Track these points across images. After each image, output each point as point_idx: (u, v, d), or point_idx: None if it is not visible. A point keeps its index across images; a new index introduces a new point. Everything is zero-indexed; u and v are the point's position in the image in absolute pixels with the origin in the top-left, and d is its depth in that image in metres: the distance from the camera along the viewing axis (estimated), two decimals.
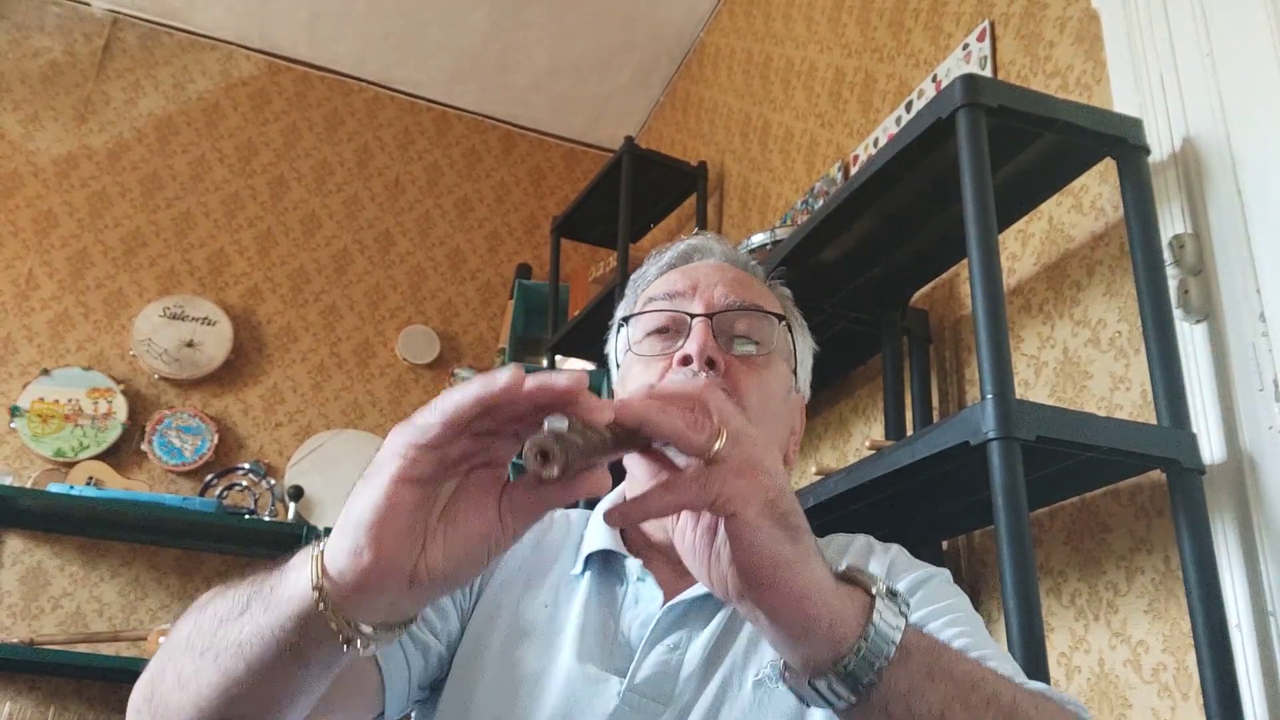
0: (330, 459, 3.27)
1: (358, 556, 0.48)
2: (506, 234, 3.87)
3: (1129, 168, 1.30)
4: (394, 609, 0.51)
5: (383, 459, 0.49)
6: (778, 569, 0.53)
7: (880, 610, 0.55)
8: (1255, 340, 1.17)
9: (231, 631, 0.54)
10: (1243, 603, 1.11)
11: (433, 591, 0.51)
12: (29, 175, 3.26)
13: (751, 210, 2.77)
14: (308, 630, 0.51)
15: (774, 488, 0.54)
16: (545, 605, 0.82)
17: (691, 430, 0.53)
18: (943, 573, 0.85)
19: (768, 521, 0.53)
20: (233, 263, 3.44)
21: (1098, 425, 1.16)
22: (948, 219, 1.51)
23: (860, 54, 2.27)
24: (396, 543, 0.48)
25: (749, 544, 0.52)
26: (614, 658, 0.78)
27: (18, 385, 3.03)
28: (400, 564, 0.49)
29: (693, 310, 0.84)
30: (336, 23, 3.53)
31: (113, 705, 2.83)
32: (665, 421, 0.53)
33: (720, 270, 0.89)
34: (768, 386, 0.84)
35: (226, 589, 0.59)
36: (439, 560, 0.50)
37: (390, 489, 0.48)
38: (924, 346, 1.78)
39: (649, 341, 0.87)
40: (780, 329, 0.87)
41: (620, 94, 3.80)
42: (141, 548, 3.00)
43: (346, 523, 0.49)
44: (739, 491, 0.53)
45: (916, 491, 1.39)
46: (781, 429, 0.87)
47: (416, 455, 0.48)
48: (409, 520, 0.48)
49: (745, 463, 0.54)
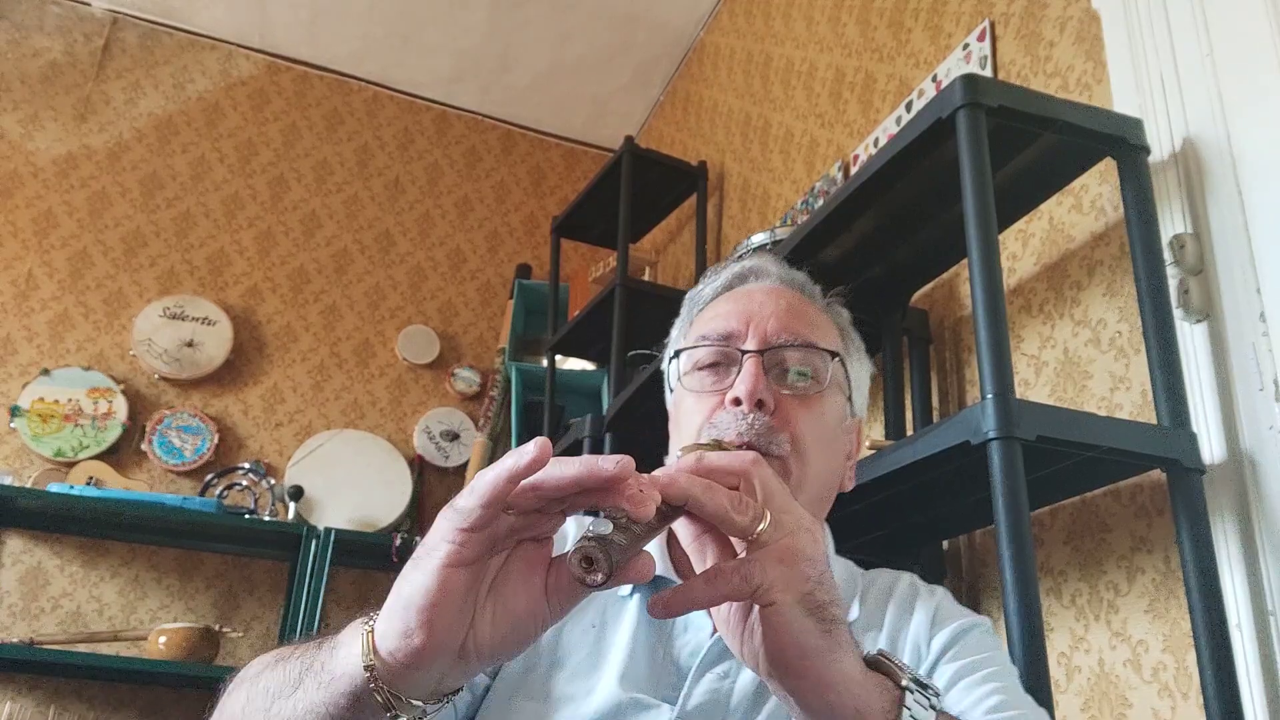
0: (330, 459, 3.27)
1: (409, 638, 0.50)
2: (506, 234, 3.87)
3: (1129, 168, 1.30)
4: (443, 682, 0.53)
5: (432, 543, 0.50)
6: (806, 658, 0.54)
7: (910, 705, 0.55)
8: (1255, 340, 1.17)
9: (285, 708, 0.56)
10: (1243, 603, 1.11)
11: (481, 665, 0.53)
12: (29, 175, 3.26)
13: (751, 210, 2.77)
14: (360, 706, 0.53)
15: (813, 577, 0.55)
16: (593, 626, 0.81)
17: (736, 511, 0.55)
18: (984, 622, 0.84)
19: (801, 612, 0.54)
20: (233, 263, 3.44)
21: (1098, 425, 1.16)
22: (948, 219, 1.51)
23: (860, 54, 2.27)
24: (447, 624, 0.50)
25: (781, 633, 0.54)
26: (661, 685, 0.77)
27: (18, 385, 3.03)
28: (450, 643, 0.51)
29: (744, 346, 0.83)
30: (336, 23, 3.53)
31: (113, 705, 2.83)
32: (710, 502, 0.54)
33: (775, 297, 0.88)
34: (821, 420, 0.83)
35: (277, 661, 0.60)
36: (487, 637, 0.52)
37: (440, 574, 0.50)
38: (924, 346, 1.78)
39: (700, 376, 0.86)
40: (834, 364, 0.86)
41: (620, 94, 3.80)
42: (141, 548, 3.00)
43: (397, 603, 0.51)
44: (778, 580, 0.54)
45: (916, 491, 1.39)
46: (836, 458, 0.86)
47: (464, 539, 0.50)
48: (459, 602, 0.50)
49: (787, 549, 0.55)
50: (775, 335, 0.84)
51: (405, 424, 3.46)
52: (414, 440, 3.42)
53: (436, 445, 3.44)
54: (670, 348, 0.94)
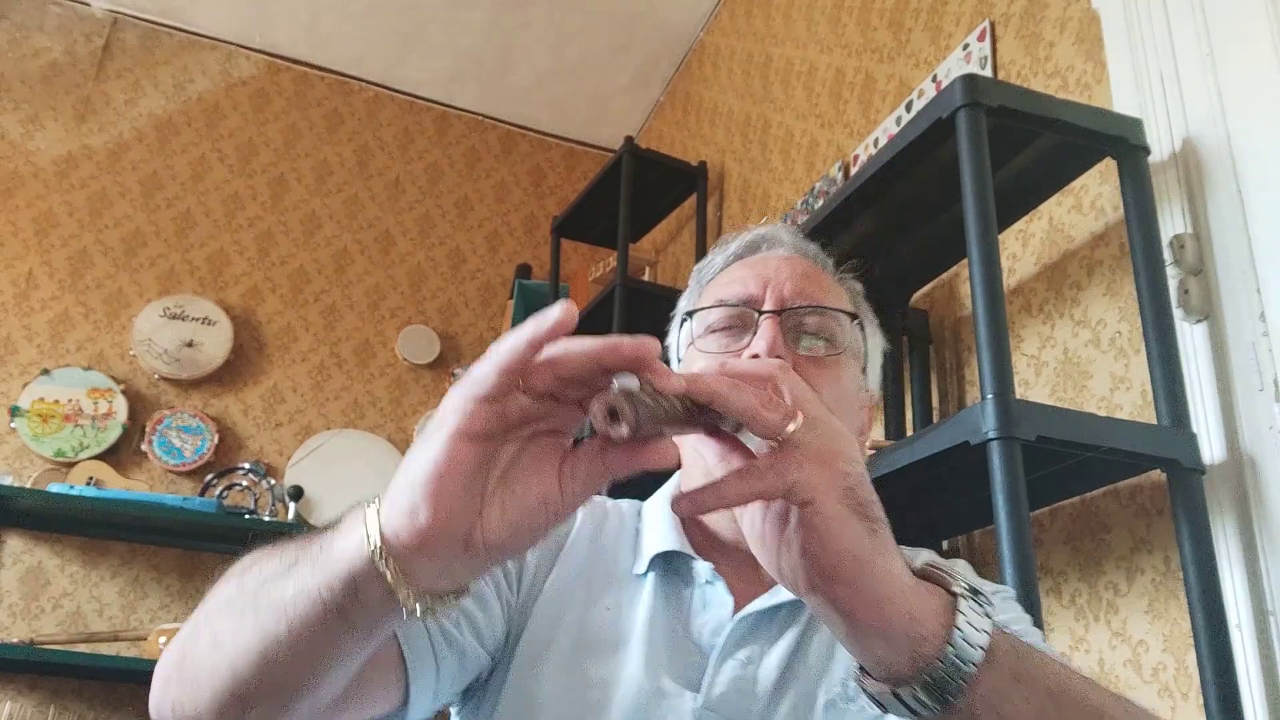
0: (330, 459, 3.27)
1: (414, 516, 0.46)
2: (506, 234, 3.87)
3: (1129, 168, 1.30)
4: (448, 574, 0.49)
5: (443, 415, 0.47)
6: (857, 564, 0.50)
7: (964, 611, 0.51)
8: (1255, 340, 1.17)
9: (275, 591, 0.52)
10: (1243, 603, 1.11)
11: (489, 559, 0.49)
12: (29, 175, 3.26)
13: (751, 210, 2.77)
14: (357, 591, 0.49)
15: (854, 474, 0.52)
16: (608, 608, 0.78)
17: (766, 408, 0.51)
18: (1006, 589, 0.82)
19: (846, 511, 0.50)
20: (233, 263, 3.44)
21: (1098, 425, 1.16)
22: (948, 219, 1.51)
23: (860, 54, 2.27)
24: (454, 502, 0.46)
25: (825, 535, 0.50)
26: (684, 668, 0.74)
27: (18, 385, 3.03)
28: (457, 526, 0.46)
29: (761, 307, 0.81)
30: (336, 23, 3.53)
31: (113, 705, 2.83)
32: (738, 398, 0.50)
33: (790, 263, 0.85)
34: (839, 385, 0.81)
35: (271, 551, 0.57)
36: (496, 525, 0.47)
37: (450, 445, 0.46)
38: (924, 346, 1.78)
39: (714, 338, 0.83)
40: (852, 328, 0.83)
41: (620, 94, 3.80)
42: (141, 548, 3.00)
43: (403, 480, 0.47)
44: (816, 479, 0.50)
45: (916, 491, 1.39)
46: (853, 426, 0.83)
47: (476, 409, 0.46)
48: (468, 479, 0.46)
49: (823, 448, 0.51)
50: (792, 298, 0.81)
51: (405, 424, 3.46)
52: (414, 440, 3.42)
53: None
54: (678, 314, 0.90)
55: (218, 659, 0.55)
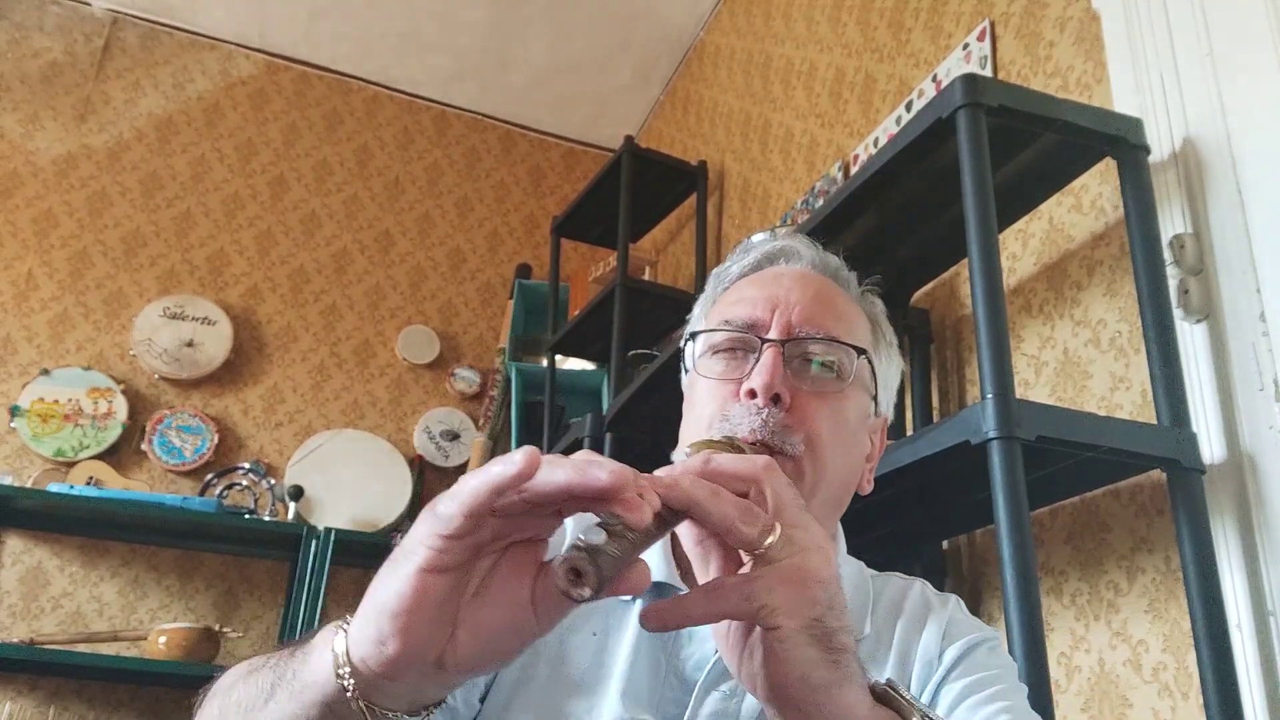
0: (330, 459, 3.27)
1: (382, 646, 0.46)
2: (506, 234, 3.87)
3: (1129, 167, 1.30)
4: (420, 694, 0.49)
5: (410, 546, 0.46)
6: (809, 691, 0.50)
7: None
8: (1255, 340, 1.17)
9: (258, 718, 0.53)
10: (1243, 603, 1.11)
11: (460, 679, 0.49)
12: (29, 175, 3.26)
13: (751, 210, 2.77)
14: (333, 716, 0.49)
15: (822, 601, 0.51)
16: (594, 634, 0.77)
17: (743, 522, 0.51)
18: (994, 638, 0.81)
19: (806, 640, 0.50)
20: (233, 263, 3.44)
21: (1098, 425, 1.16)
22: (948, 219, 1.51)
23: (860, 54, 2.27)
24: (423, 633, 0.46)
25: (784, 660, 0.50)
26: (665, 702, 0.73)
27: (18, 385, 3.03)
28: (427, 654, 0.46)
29: (765, 334, 0.78)
30: (336, 22, 3.53)
31: (113, 705, 2.83)
32: (715, 510, 0.50)
33: (804, 284, 0.82)
34: (840, 419, 0.78)
35: (250, 671, 0.57)
36: (467, 649, 0.47)
37: (417, 579, 0.45)
38: (924, 346, 1.78)
39: (716, 361, 0.80)
40: (860, 362, 0.80)
41: (620, 94, 3.80)
42: (141, 548, 3.00)
43: (372, 608, 0.47)
44: (784, 603, 0.50)
45: (916, 491, 1.39)
46: (854, 459, 0.81)
47: (444, 545, 0.45)
48: (436, 610, 0.46)
49: (796, 569, 0.51)
50: (799, 326, 0.78)
51: (405, 424, 3.46)
52: (414, 440, 3.42)
53: (437, 445, 3.44)
54: (690, 326, 0.88)
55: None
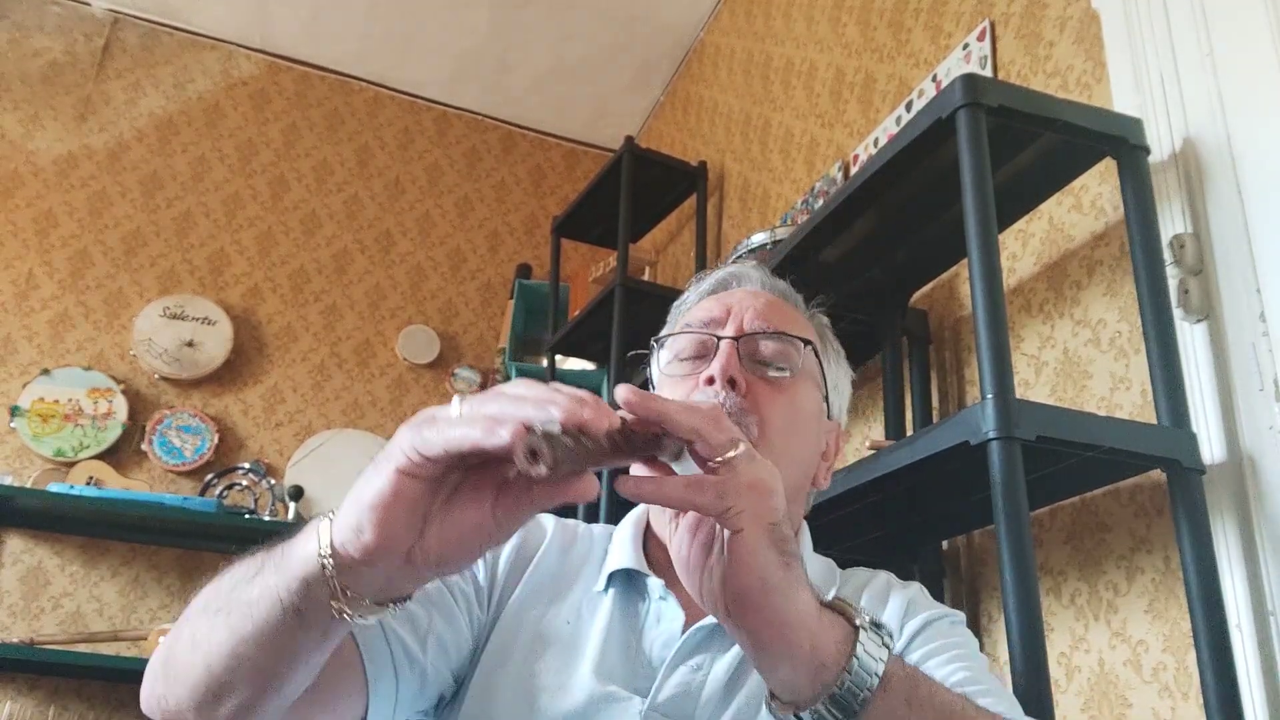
0: (330, 459, 3.27)
1: (359, 534, 0.51)
2: (506, 234, 3.87)
3: (1129, 168, 1.30)
4: (390, 585, 0.54)
5: (392, 451, 0.51)
6: (767, 593, 0.55)
7: (863, 642, 0.57)
8: (1255, 340, 1.17)
9: (244, 592, 0.57)
10: (1243, 603, 1.11)
11: (427, 574, 0.54)
12: (29, 175, 3.26)
13: (751, 210, 2.77)
14: (310, 594, 0.54)
15: (780, 510, 0.57)
16: (568, 622, 0.83)
17: (714, 428, 0.55)
18: (956, 614, 0.87)
19: (766, 543, 0.55)
20: (233, 263, 3.44)
21: (1098, 425, 1.16)
22: (948, 219, 1.51)
23: (860, 54, 2.27)
24: (396, 527, 0.51)
25: (746, 564, 0.55)
26: (635, 677, 0.79)
27: (18, 385, 3.03)
28: (397, 546, 0.52)
29: (721, 332, 0.86)
30: (337, 23, 3.53)
31: (113, 705, 2.83)
32: (687, 417, 0.55)
33: (754, 296, 0.91)
34: (792, 406, 0.85)
35: (244, 558, 0.62)
36: (434, 546, 0.52)
37: (395, 479, 0.51)
38: (924, 346, 1.78)
39: (679, 363, 0.89)
40: (807, 353, 0.88)
41: (620, 94, 3.80)
42: (141, 548, 3.00)
43: (353, 500, 0.52)
44: (749, 507, 0.55)
45: (916, 491, 1.39)
46: (807, 449, 0.88)
47: (420, 460, 0.50)
48: (409, 508, 0.51)
49: (758, 480, 0.56)
50: (751, 324, 0.87)
51: None
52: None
53: None
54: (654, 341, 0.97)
55: (195, 657, 0.60)
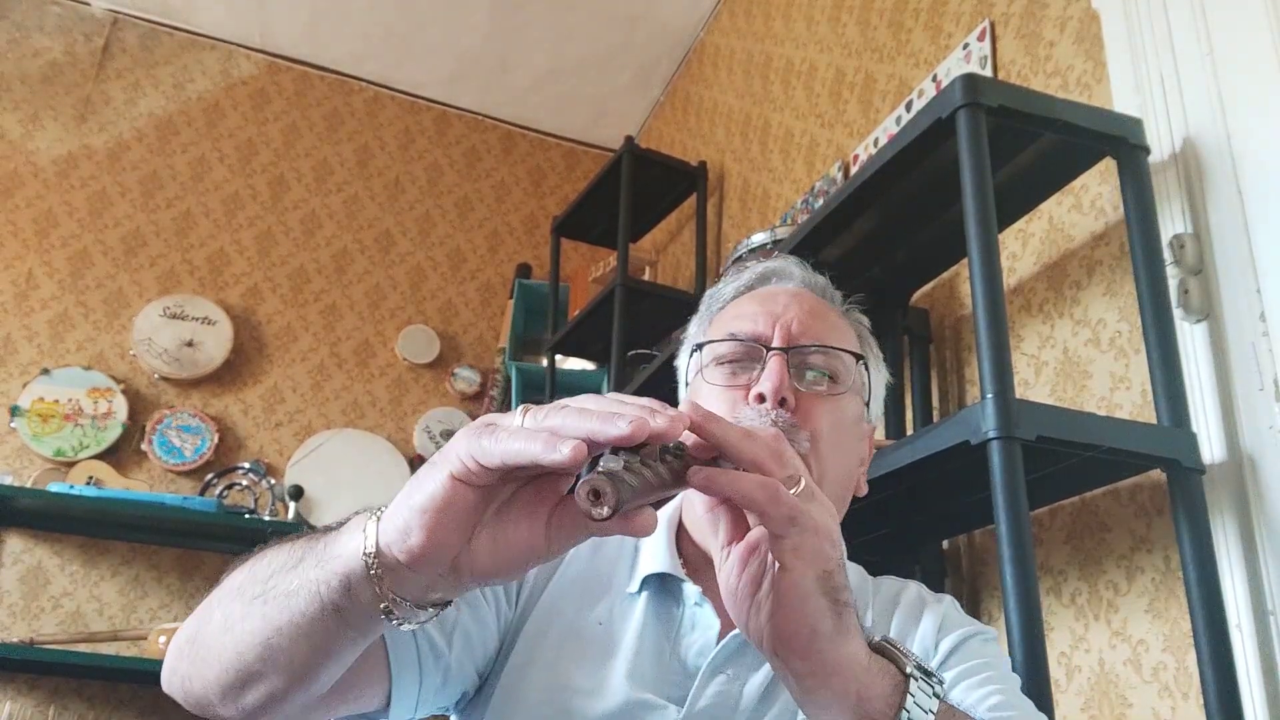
0: (330, 459, 3.27)
1: (406, 536, 0.50)
2: (506, 234, 3.87)
3: (1129, 167, 1.30)
4: (431, 590, 0.53)
5: (448, 455, 0.50)
6: (815, 639, 0.53)
7: (914, 693, 0.55)
8: (1255, 340, 1.17)
9: (282, 582, 0.56)
10: (1243, 603, 1.11)
11: (471, 584, 0.53)
12: (29, 175, 3.26)
13: (751, 210, 2.77)
14: (352, 593, 0.52)
15: (835, 559, 0.55)
16: (600, 623, 0.81)
17: (774, 461, 0.54)
18: (989, 631, 0.85)
19: (818, 589, 0.53)
20: (233, 263, 3.44)
21: (1098, 425, 1.16)
22: (948, 219, 1.51)
23: (860, 54, 2.27)
24: (444, 533, 0.50)
25: (793, 607, 0.53)
26: (668, 684, 0.77)
27: (18, 385, 3.03)
28: (445, 552, 0.50)
29: (769, 343, 0.83)
30: (336, 23, 3.53)
31: (113, 705, 2.83)
32: (749, 447, 0.53)
33: (798, 300, 0.88)
34: (840, 418, 0.84)
35: (283, 545, 0.60)
36: (481, 558, 0.51)
37: (450, 485, 0.49)
38: (924, 346, 1.78)
39: (722, 370, 0.85)
40: (857, 367, 0.87)
41: (620, 94, 3.80)
42: (141, 547, 3.00)
43: (404, 501, 0.51)
44: (807, 546, 0.53)
45: (916, 491, 1.39)
46: (852, 459, 0.87)
47: (477, 469, 0.49)
48: (461, 516, 0.50)
49: (818, 525, 0.54)
50: (799, 336, 0.84)
51: (405, 424, 3.46)
52: (414, 440, 3.42)
53: (437, 445, 3.44)
54: (689, 341, 0.93)
55: (226, 641, 0.59)
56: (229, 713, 0.61)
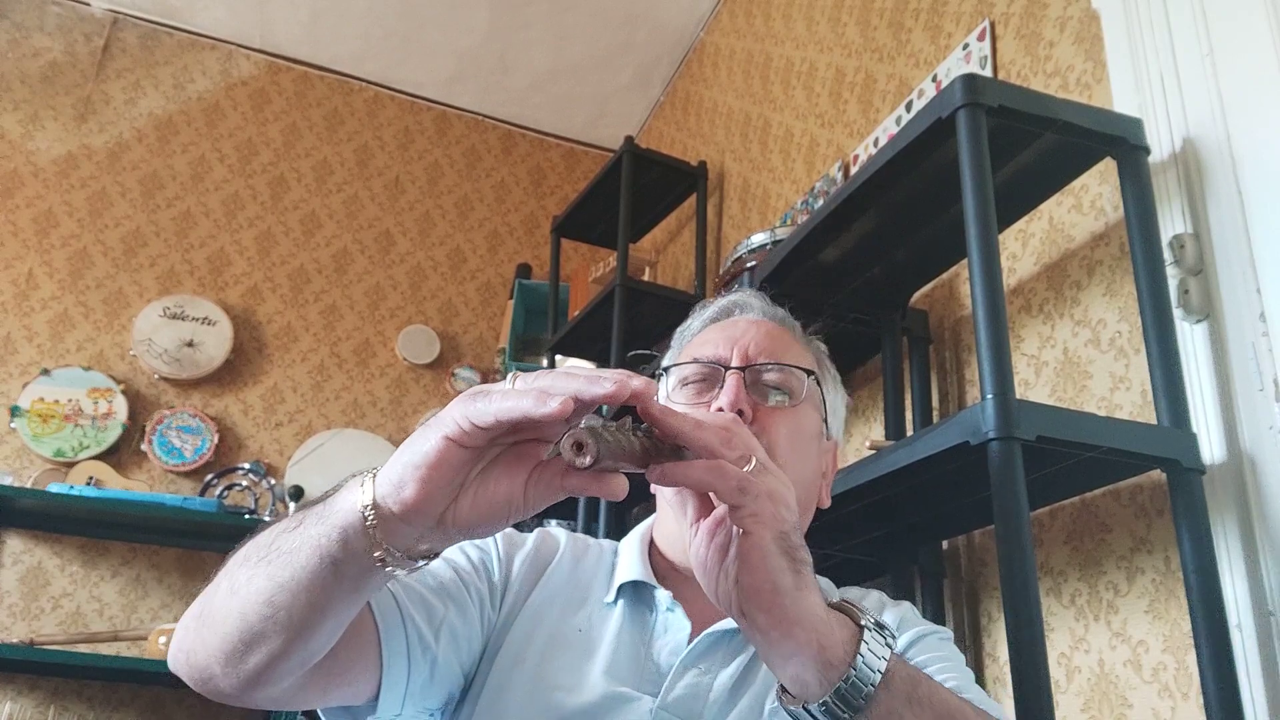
0: (330, 459, 3.27)
1: (400, 490, 0.55)
2: (506, 234, 3.87)
3: (1129, 168, 1.30)
4: (420, 541, 0.58)
5: (445, 418, 0.55)
6: (777, 594, 0.59)
7: (868, 641, 0.61)
8: (1255, 340, 1.17)
9: (285, 542, 0.60)
10: (1243, 603, 1.11)
11: (455, 536, 0.58)
12: (29, 175, 3.26)
13: (751, 210, 2.77)
14: (348, 545, 0.57)
15: (789, 521, 0.61)
16: (580, 629, 0.88)
17: (725, 446, 0.60)
18: (945, 631, 0.92)
19: (776, 549, 0.60)
20: (233, 263, 3.44)
21: (1098, 425, 1.16)
22: (948, 219, 1.51)
23: (860, 54, 2.27)
24: (435, 488, 0.55)
25: (756, 565, 0.59)
26: (644, 680, 0.84)
27: (18, 385, 3.03)
28: (434, 506, 0.55)
29: (728, 364, 0.91)
30: (336, 23, 3.53)
31: (113, 705, 2.83)
32: (700, 435, 0.60)
33: (757, 326, 0.96)
34: (797, 430, 0.91)
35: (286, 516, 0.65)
36: (466, 511, 0.56)
37: (442, 445, 0.54)
38: (924, 346, 1.78)
39: (686, 391, 0.93)
40: (810, 382, 0.93)
41: (620, 94, 3.80)
42: (141, 548, 3.00)
43: (399, 460, 0.56)
44: (764, 512, 0.60)
45: (916, 491, 1.39)
46: (810, 469, 0.93)
47: (470, 429, 0.53)
48: (451, 474, 0.55)
49: (771, 490, 0.60)
50: (756, 356, 0.92)
51: (405, 424, 3.45)
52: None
53: None
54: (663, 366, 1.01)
55: (231, 605, 0.63)
56: (229, 682, 0.64)
